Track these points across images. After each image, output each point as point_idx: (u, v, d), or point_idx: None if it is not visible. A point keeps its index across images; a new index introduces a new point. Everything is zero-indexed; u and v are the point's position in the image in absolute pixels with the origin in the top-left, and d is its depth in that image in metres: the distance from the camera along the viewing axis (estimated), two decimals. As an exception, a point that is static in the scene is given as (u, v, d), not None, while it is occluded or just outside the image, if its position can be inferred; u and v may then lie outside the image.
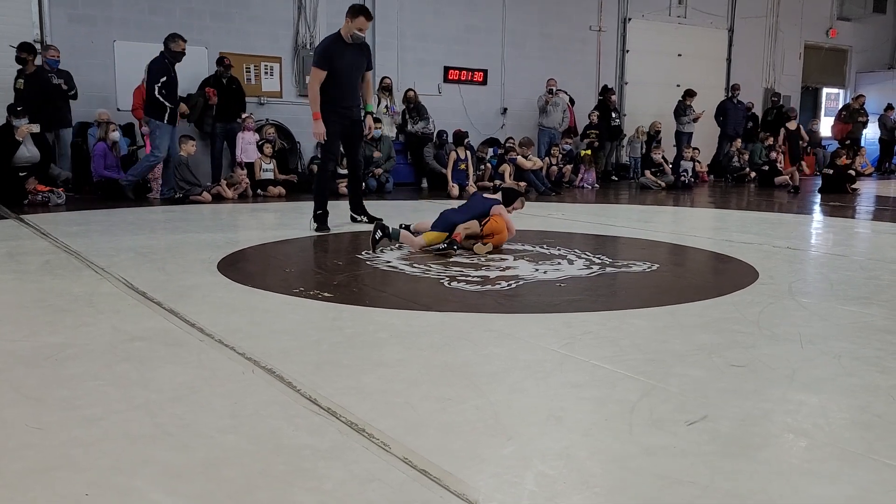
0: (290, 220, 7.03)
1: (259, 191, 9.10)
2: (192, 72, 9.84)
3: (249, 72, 10.38)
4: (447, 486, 1.65)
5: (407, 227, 5.26)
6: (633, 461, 1.81)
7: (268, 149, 9.34)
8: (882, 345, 2.87)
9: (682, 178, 11.80)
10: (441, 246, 4.86)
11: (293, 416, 2.04)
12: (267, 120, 10.23)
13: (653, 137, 13.12)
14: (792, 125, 13.57)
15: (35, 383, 2.28)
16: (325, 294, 3.57)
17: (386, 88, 10.83)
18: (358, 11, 5.84)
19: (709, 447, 1.88)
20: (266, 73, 10.53)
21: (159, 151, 8.26)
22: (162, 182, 8.58)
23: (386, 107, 10.69)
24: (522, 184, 10.26)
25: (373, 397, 2.21)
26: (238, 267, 4.31)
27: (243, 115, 9.58)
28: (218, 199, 8.53)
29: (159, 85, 8.07)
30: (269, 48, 10.60)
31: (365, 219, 6.40)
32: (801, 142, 13.73)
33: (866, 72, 17.83)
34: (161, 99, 8.05)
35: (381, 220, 5.31)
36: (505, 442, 1.90)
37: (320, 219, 6.03)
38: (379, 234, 4.97)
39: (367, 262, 4.49)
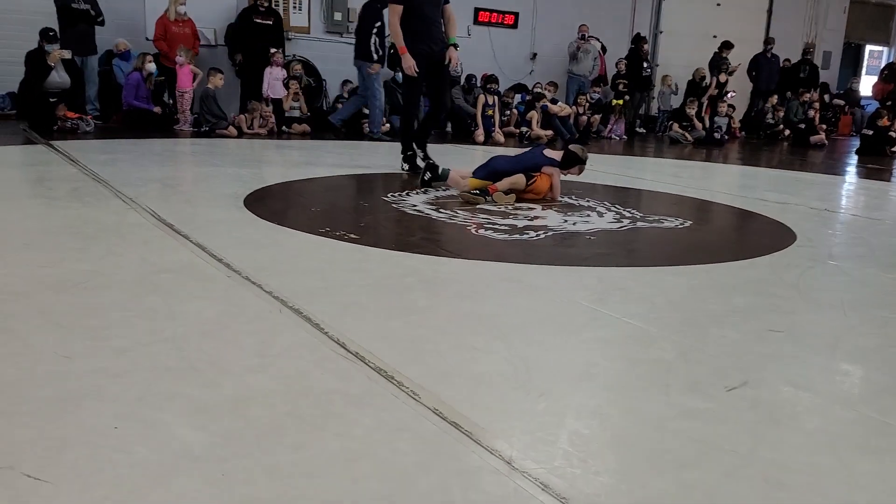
0: (315, 158, 6.94)
1: (284, 127, 8.99)
2: (219, 2, 9.66)
3: (278, 5, 10.14)
4: (479, 440, 1.61)
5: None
6: (671, 423, 1.75)
7: (294, 85, 9.18)
8: (927, 315, 2.77)
9: (716, 134, 11.51)
10: (474, 192, 4.74)
11: (321, 360, 2.00)
12: (294, 56, 10.04)
13: (697, 85, 12.67)
14: (723, 78, 12.79)
15: (63, 310, 2.25)
16: (352, 235, 3.51)
17: None
18: None
19: (750, 414, 1.81)
20: (294, 6, 10.29)
21: (378, 97, 8.72)
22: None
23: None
24: (549, 132, 10.06)
25: (401, 343, 2.16)
26: (264, 203, 4.25)
27: (272, 51, 9.39)
28: (245, 134, 8.45)
29: (375, 31, 8.19)
30: (297, -19, 10.36)
31: (408, 164, 6.05)
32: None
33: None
34: (374, 46, 8.22)
35: (431, 161, 5.23)
36: (537, 398, 1.85)
37: (409, 160, 5.96)
38: (428, 175, 5.04)
39: (394, 206, 4.41)
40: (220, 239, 3.27)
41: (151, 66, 8.43)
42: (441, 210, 4.35)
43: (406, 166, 5.92)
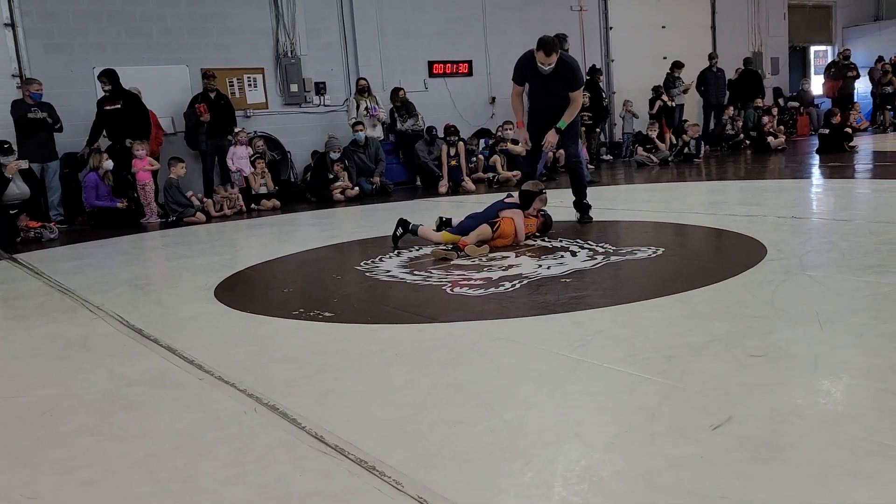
0: (286, 234, 6.93)
1: (253, 205, 8.99)
2: (174, 92, 9.74)
3: (233, 85, 10.23)
4: (467, 525, 1.56)
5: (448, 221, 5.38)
6: (660, 477, 1.71)
7: (260, 164, 9.22)
8: (903, 317, 2.76)
9: (686, 151, 11.66)
10: (446, 248, 4.77)
11: (300, 459, 1.95)
12: (255, 132, 10.10)
13: (661, 109, 12.82)
14: (672, 97, 13.18)
15: (29, 445, 2.18)
16: (326, 314, 3.47)
17: (363, 90, 10.64)
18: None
19: (737, 453, 1.78)
20: (250, 84, 10.39)
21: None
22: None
23: (366, 108, 10.52)
24: (516, 173, 10.12)
25: (382, 427, 2.11)
26: (235, 291, 4.21)
27: (236, 130, 9.46)
28: (213, 218, 8.43)
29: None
30: (250, 59, 10.45)
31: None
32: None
33: (852, 26, 17.62)
34: None
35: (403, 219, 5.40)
36: (523, 466, 1.81)
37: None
38: (400, 230, 5.28)
39: (367, 274, 4.39)
40: (190, 338, 3.22)
41: (108, 164, 8.43)
42: (415, 272, 4.33)
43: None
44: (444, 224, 5.38)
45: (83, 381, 2.74)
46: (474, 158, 10.94)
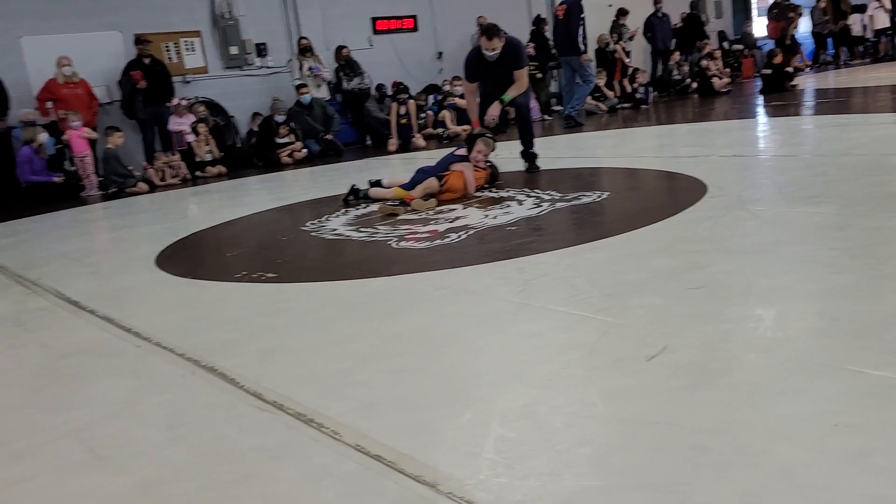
0: (232, 200, 6.80)
1: (198, 173, 8.79)
2: (107, 59, 9.38)
3: (169, 50, 9.90)
4: (403, 469, 1.56)
5: (378, 183, 5.31)
6: (596, 409, 1.73)
7: (202, 128, 8.99)
8: (834, 243, 2.83)
9: (639, 97, 11.70)
10: (392, 204, 4.73)
11: (238, 417, 1.93)
12: (196, 98, 9.82)
13: (604, 52, 12.81)
14: (623, 44, 13.30)
15: (-40, 423, 2.12)
16: (269, 275, 3.42)
17: (305, 49, 10.38)
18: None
19: (671, 381, 1.81)
20: (187, 48, 10.07)
21: (593, 79, 9.52)
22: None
23: (309, 69, 10.28)
24: (465, 127, 10.06)
25: (322, 381, 2.10)
26: (177, 259, 4.13)
27: (173, 101, 9.18)
28: (157, 187, 8.23)
29: (581, 24, 8.67)
30: (186, 23, 10.10)
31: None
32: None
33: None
34: (580, 37, 8.75)
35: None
36: (462, 408, 1.81)
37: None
38: (351, 198, 5.21)
39: (313, 234, 4.33)
40: (129, 308, 3.15)
41: (43, 137, 8.13)
42: (361, 229, 4.29)
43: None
44: (373, 185, 5.31)
45: (13, 357, 2.67)
46: (423, 115, 10.83)
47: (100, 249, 4.79)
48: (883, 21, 14.99)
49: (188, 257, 4.24)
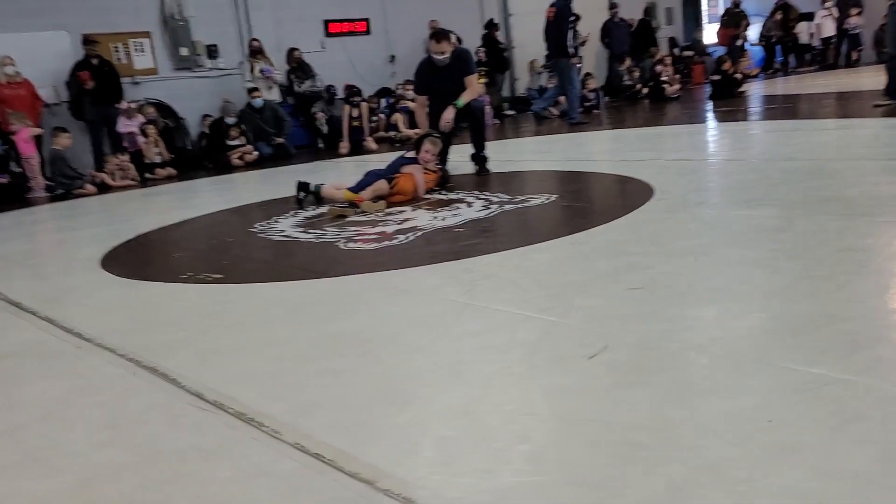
0: (182, 202, 6.69)
1: (147, 174, 8.63)
2: (53, 59, 9.14)
3: (118, 51, 9.70)
4: (341, 467, 1.56)
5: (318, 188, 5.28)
6: (535, 406, 1.75)
7: (151, 130, 8.83)
8: (774, 244, 2.91)
9: (590, 102, 11.86)
10: (342, 205, 4.72)
11: (177, 417, 1.90)
12: (146, 99, 9.64)
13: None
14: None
15: None
16: (215, 276, 3.38)
17: (256, 51, 10.27)
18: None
19: (608, 379, 1.84)
20: (137, 49, 9.88)
21: (574, 85, 9.40)
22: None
23: (260, 70, 10.18)
24: (417, 130, 10.08)
25: (263, 381, 2.08)
26: (122, 260, 4.05)
27: (122, 105, 8.98)
28: (105, 188, 8.06)
29: (571, 27, 8.70)
30: (135, 23, 9.90)
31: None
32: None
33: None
34: (570, 40, 8.79)
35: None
36: (402, 408, 1.82)
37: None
38: (302, 194, 5.15)
39: (260, 235, 4.29)
40: (71, 308, 3.08)
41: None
42: (310, 231, 4.26)
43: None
44: (304, 189, 5.26)
45: (-53, 360, 2.59)
46: (375, 118, 10.81)
47: (43, 251, 4.67)
48: (829, 29, 15.46)
49: (133, 259, 4.16)
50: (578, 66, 9.64)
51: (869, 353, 1.79)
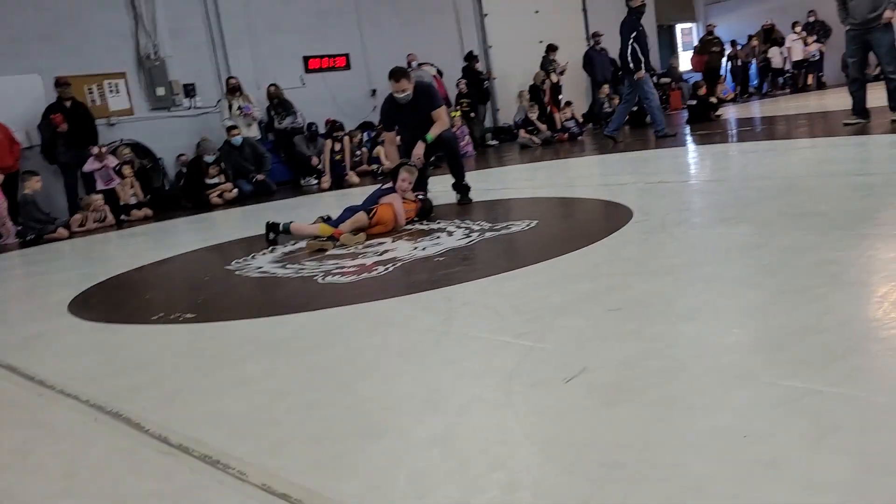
0: (157, 242, 6.60)
1: (122, 216, 8.54)
2: (26, 103, 9.10)
3: (92, 92, 9.67)
4: (309, 506, 1.48)
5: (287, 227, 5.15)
6: (512, 432, 1.69)
7: (127, 170, 8.76)
8: (750, 261, 2.88)
9: (572, 130, 11.95)
10: (321, 239, 4.65)
11: (140, 462, 1.81)
12: (121, 140, 9.59)
13: (538, 90, 13.10)
14: (554, 78, 13.76)
15: None
16: (187, 316, 3.30)
17: (234, 89, 10.28)
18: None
19: (586, 401, 1.78)
20: (111, 90, 9.85)
21: (650, 97, 9.35)
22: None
23: (239, 108, 10.18)
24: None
25: (232, 421, 2.00)
26: (92, 304, 3.95)
27: (92, 150, 8.90)
28: (78, 232, 7.95)
29: (631, 41, 8.72)
30: (109, 64, 9.90)
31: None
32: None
33: (714, 3, 18.52)
34: (637, 54, 8.81)
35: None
36: (377, 440, 1.74)
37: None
38: (271, 235, 5.03)
39: (237, 273, 4.22)
40: (34, 356, 2.98)
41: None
42: (288, 266, 4.19)
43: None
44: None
45: None
46: (359, 152, 10.82)
47: (10, 297, 4.56)
48: (800, 53, 15.71)
49: (104, 301, 4.06)
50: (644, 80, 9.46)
51: (845, 363, 1.75)
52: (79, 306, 3.87)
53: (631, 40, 9.03)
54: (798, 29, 15.53)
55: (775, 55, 16.12)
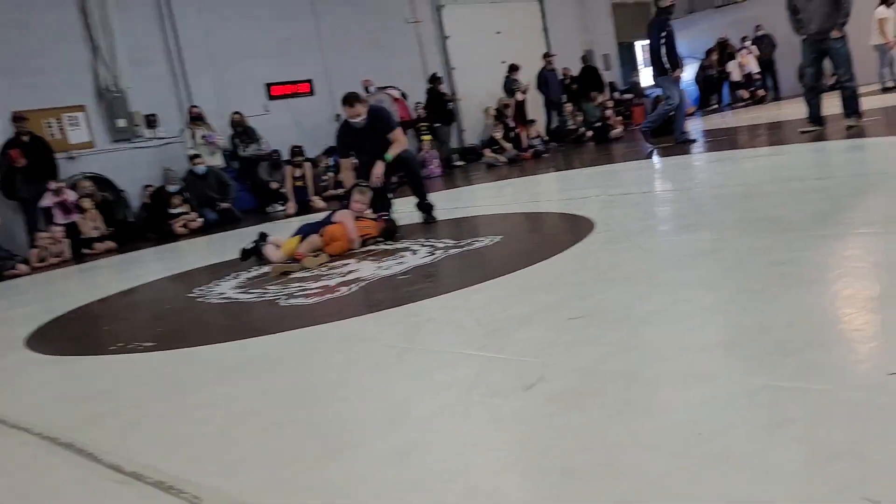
0: (120, 274, 6.50)
1: (84, 250, 8.39)
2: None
3: (51, 126, 9.54)
4: (264, 527, 1.45)
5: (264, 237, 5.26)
6: (471, 443, 1.68)
7: (87, 203, 8.63)
8: (709, 264, 2.92)
9: (537, 148, 12.06)
10: (283, 263, 4.62)
11: (93, 492, 1.77)
12: (83, 174, 9.45)
13: (502, 112, 13.24)
14: (520, 97, 13.94)
15: None
16: (147, 344, 3.24)
17: (196, 118, 10.22)
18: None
19: (546, 408, 1.77)
20: (71, 123, 9.73)
21: (673, 100, 9.00)
22: None
23: (202, 137, 10.12)
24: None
25: (189, 445, 1.96)
26: (50, 337, 3.87)
27: (51, 185, 8.77)
28: (39, 268, 7.79)
29: (663, 42, 8.57)
30: (68, 97, 9.78)
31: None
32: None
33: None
34: (664, 57, 8.67)
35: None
36: (337, 458, 1.72)
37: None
38: (251, 245, 5.11)
39: (199, 300, 4.16)
40: (-11, 390, 2.91)
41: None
42: (250, 291, 4.15)
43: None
44: (262, 239, 5.23)
45: None
46: (325, 177, 10.79)
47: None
48: (752, 66, 16.04)
49: (62, 335, 3.98)
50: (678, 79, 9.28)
51: (797, 358, 1.77)
52: (37, 340, 3.79)
53: (662, 40, 8.92)
54: (748, 43, 15.84)
55: (734, 69, 16.43)
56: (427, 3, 14.13)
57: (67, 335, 3.98)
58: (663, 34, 8.95)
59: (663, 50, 8.98)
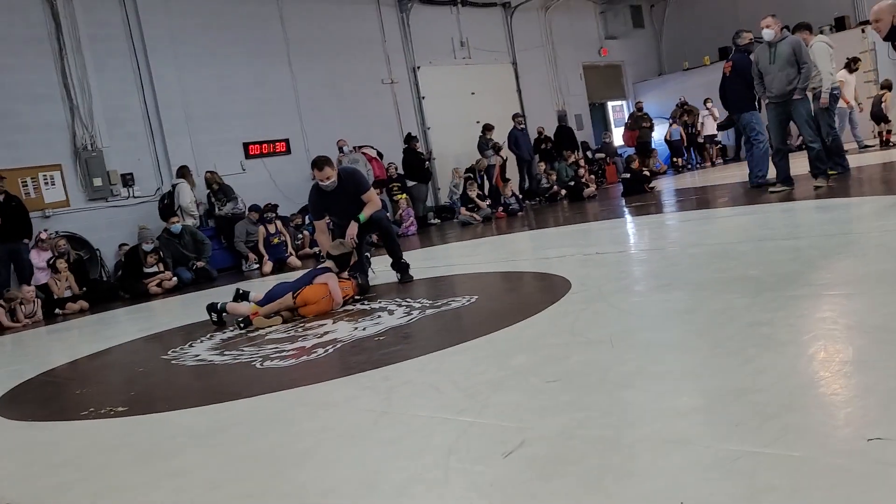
0: (91, 335, 6.38)
1: (57, 310, 8.26)
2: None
3: (27, 185, 9.49)
4: None
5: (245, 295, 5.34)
6: (451, 512, 1.65)
7: (61, 264, 8.54)
8: (684, 325, 2.95)
9: (512, 207, 12.21)
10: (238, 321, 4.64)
11: (58, 568, 1.71)
12: (57, 232, 9.37)
13: (476, 171, 13.44)
14: (504, 155, 14.17)
15: None
16: (119, 409, 3.17)
17: (187, 173, 10.26)
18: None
19: (525, 474, 1.76)
20: (47, 182, 9.68)
21: (763, 136, 8.51)
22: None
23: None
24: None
25: (161, 517, 1.91)
26: (18, 402, 3.78)
27: (43, 234, 8.74)
28: (8, 329, 7.64)
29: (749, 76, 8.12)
30: (45, 156, 9.76)
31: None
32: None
33: (641, 81, 19.45)
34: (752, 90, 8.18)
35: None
36: (310, 530, 1.68)
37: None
38: (214, 316, 5.16)
39: (173, 362, 4.10)
40: (-47, 459, 2.81)
41: None
42: (225, 353, 4.10)
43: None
44: (241, 296, 5.25)
45: None
46: (300, 235, 10.79)
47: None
48: (710, 128, 16.43)
49: (31, 399, 3.88)
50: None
51: (777, 422, 1.78)
52: (4, 405, 3.69)
53: (748, 78, 8.23)
54: (709, 105, 16.25)
55: (707, 127, 16.81)
56: (403, 64, 14.43)
57: (37, 399, 3.88)
58: (746, 72, 8.31)
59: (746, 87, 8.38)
